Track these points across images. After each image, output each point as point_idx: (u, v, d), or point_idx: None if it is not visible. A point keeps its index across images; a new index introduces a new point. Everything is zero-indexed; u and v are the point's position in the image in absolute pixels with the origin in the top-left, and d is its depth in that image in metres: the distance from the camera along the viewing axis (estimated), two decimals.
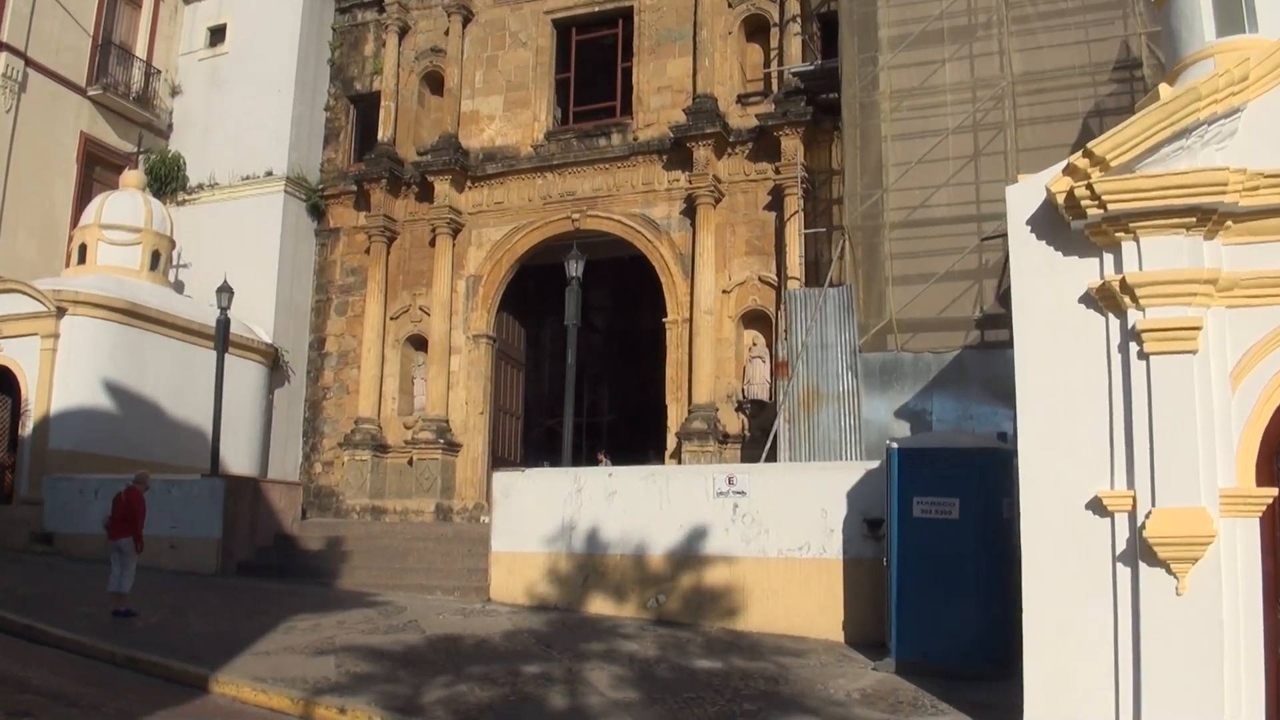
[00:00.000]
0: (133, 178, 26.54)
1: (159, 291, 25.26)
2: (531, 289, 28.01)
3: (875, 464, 14.25)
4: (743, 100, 24.60)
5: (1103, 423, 8.94)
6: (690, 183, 24.01)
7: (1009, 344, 17.70)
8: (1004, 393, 17.70)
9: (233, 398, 22.05)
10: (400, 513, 25.14)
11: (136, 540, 14.43)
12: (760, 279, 23.45)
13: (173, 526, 18.89)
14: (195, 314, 25.07)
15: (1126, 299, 8.81)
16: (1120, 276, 8.83)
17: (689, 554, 15.16)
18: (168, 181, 28.30)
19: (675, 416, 23.67)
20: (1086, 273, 9.13)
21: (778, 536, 14.64)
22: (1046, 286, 9.29)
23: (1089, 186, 8.79)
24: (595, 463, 23.69)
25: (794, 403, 19.36)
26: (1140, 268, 8.79)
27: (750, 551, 14.79)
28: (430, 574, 18.30)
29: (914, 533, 12.36)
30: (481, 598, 16.43)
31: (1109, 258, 9.02)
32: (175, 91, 29.49)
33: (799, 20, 23.78)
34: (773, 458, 19.25)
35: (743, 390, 23.24)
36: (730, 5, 24.85)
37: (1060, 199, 8.99)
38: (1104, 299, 8.99)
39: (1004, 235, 15.44)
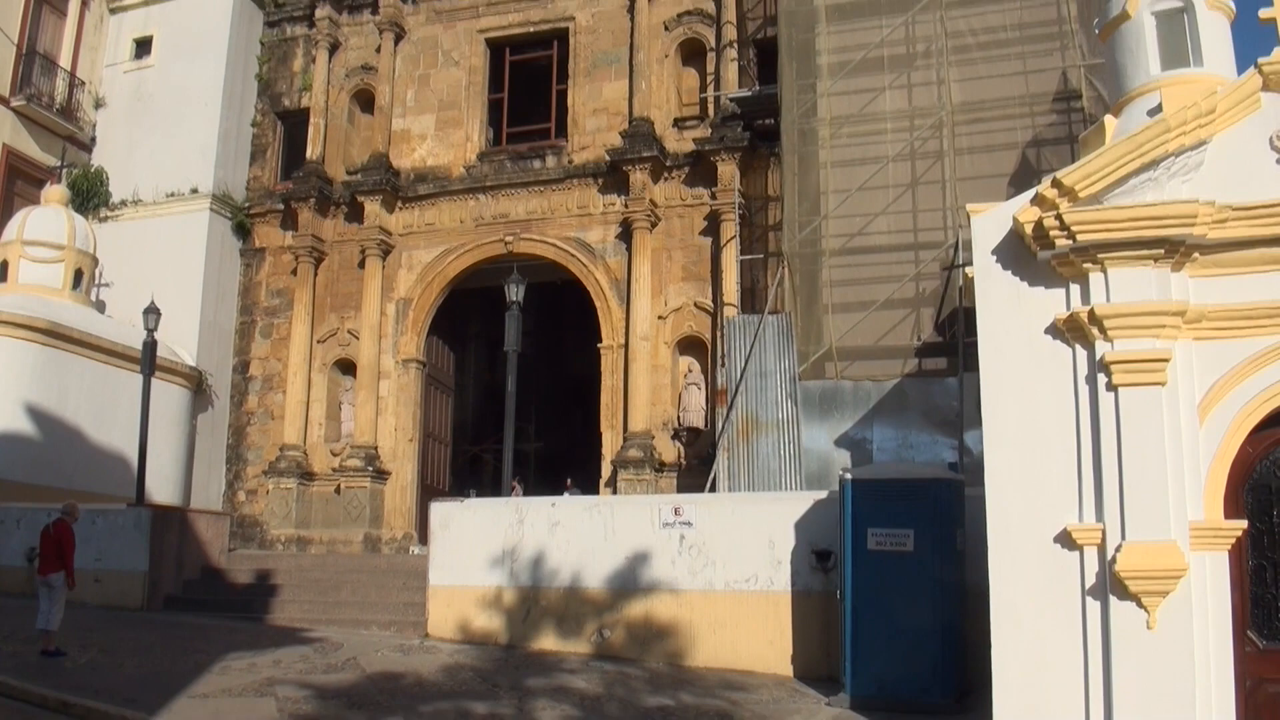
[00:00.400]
0: (56, 193, 25.77)
1: (81, 312, 24.47)
2: (460, 313, 27.55)
3: (823, 494, 14.09)
4: (679, 125, 24.48)
5: (1070, 455, 8.89)
6: (626, 207, 23.82)
7: (948, 373, 17.99)
8: (943, 421, 17.80)
9: (155, 423, 21.14)
10: (327, 543, 24.45)
11: (69, 575, 13.81)
12: (696, 305, 23.31)
13: (97, 559, 18.09)
14: (118, 335, 24.22)
15: (1094, 330, 8.77)
16: (1088, 308, 8.80)
17: (634, 587, 14.81)
18: (90, 197, 27.39)
19: (611, 444, 23.36)
20: (1053, 304, 9.10)
21: (724, 568, 14.34)
22: (1013, 317, 9.23)
23: (1058, 217, 8.76)
24: (510, 492, 23.08)
25: (733, 431, 19.18)
26: (1108, 299, 8.77)
27: (697, 584, 14.48)
28: (364, 608, 17.79)
29: (868, 565, 12.15)
30: (419, 633, 15.95)
31: (1076, 289, 9.01)
32: (99, 104, 28.58)
33: (735, 46, 23.76)
34: (714, 488, 19.00)
35: (678, 418, 23.02)
36: (667, 29, 24.74)
37: (1028, 229, 8.95)
38: (1071, 330, 8.94)
39: (960, 266, 15.53)
